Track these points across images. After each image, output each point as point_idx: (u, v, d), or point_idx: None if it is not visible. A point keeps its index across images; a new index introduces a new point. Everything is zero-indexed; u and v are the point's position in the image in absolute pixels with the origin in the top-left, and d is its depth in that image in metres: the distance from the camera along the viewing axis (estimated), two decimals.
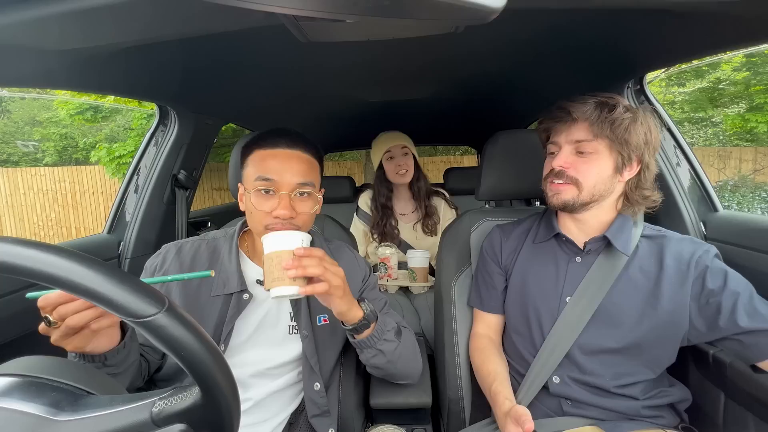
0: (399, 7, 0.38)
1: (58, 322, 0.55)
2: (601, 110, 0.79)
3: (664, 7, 0.66)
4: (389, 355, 0.83)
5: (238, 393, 0.40)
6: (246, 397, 0.83)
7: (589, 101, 0.81)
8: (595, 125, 0.79)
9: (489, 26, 0.43)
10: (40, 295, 0.54)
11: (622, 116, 0.77)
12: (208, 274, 0.63)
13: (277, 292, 0.67)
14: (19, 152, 9.45)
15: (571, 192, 0.83)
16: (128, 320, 0.35)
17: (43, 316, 0.55)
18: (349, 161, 9.17)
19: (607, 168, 0.81)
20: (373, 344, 0.81)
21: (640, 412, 0.81)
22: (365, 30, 0.80)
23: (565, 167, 0.83)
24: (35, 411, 0.36)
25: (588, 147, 0.80)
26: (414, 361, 0.92)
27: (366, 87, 1.44)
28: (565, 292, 0.86)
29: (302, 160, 0.81)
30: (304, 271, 0.67)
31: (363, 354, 0.84)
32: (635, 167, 0.82)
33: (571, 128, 0.82)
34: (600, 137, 0.79)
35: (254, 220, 0.81)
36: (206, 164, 1.63)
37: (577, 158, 0.82)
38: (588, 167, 0.81)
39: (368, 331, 0.80)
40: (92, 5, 0.55)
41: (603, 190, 0.82)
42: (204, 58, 0.98)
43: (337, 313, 0.77)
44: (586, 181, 0.81)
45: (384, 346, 0.82)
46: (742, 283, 0.76)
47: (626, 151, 0.79)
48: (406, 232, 1.79)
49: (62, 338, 0.56)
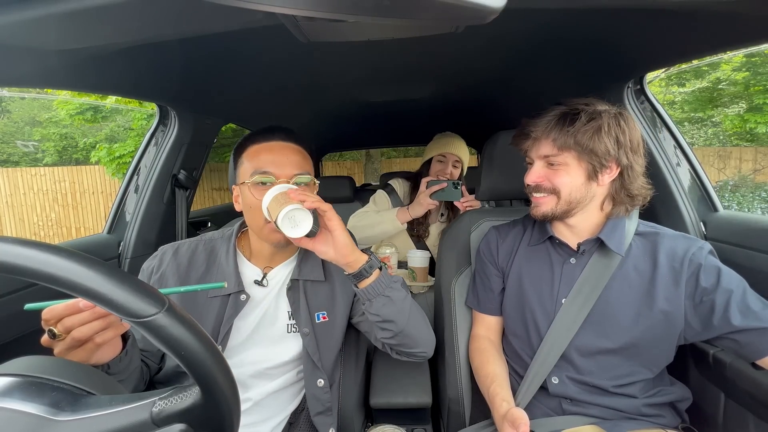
0: (399, 7, 0.38)
1: (63, 334, 0.54)
2: (563, 124, 0.79)
3: (664, 7, 0.66)
4: (399, 303, 0.80)
5: (238, 393, 0.40)
6: (246, 397, 0.83)
7: (550, 114, 0.82)
8: (558, 140, 0.79)
9: (489, 26, 0.43)
10: (39, 306, 0.54)
11: (583, 127, 0.77)
12: (222, 285, 0.63)
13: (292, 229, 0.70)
14: (19, 152, 9.45)
15: (551, 203, 0.84)
16: (128, 320, 0.35)
17: (47, 328, 0.54)
18: (349, 161, 9.18)
19: (578, 177, 0.81)
20: (381, 291, 0.78)
21: (640, 411, 0.81)
22: (365, 30, 0.80)
23: (539, 181, 0.85)
24: (35, 411, 0.36)
25: (556, 160, 0.82)
26: (424, 324, 0.88)
27: (366, 87, 1.44)
28: (561, 294, 0.86)
29: (296, 152, 0.83)
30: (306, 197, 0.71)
31: (372, 305, 0.79)
32: (614, 170, 0.81)
33: (537, 144, 0.84)
34: (565, 150, 0.80)
35: (254, 215, 0.80)
36: (206, 164, 1.63)
37: (549, 170, 0.84)
38: (560, 178, 0.82)
39: (374, 275, 0.78)
40: (92, 5, 0.55)
41: (580, 197, 0.82)
42: (204, 58, 0.98)
43: (341, 255, 0.76)
44: (562, 190, 0.82)
45: (392, 293, 0.79)
46: (735, 280, 0.75)
47: (595, 159, 0.79)
48: (433, 235, 1.79)
49: (66, 351, 0.56)
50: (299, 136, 0.86)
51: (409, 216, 1.56)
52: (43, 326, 0.55)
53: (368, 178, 8.21)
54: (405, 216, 1.56)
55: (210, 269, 0.85)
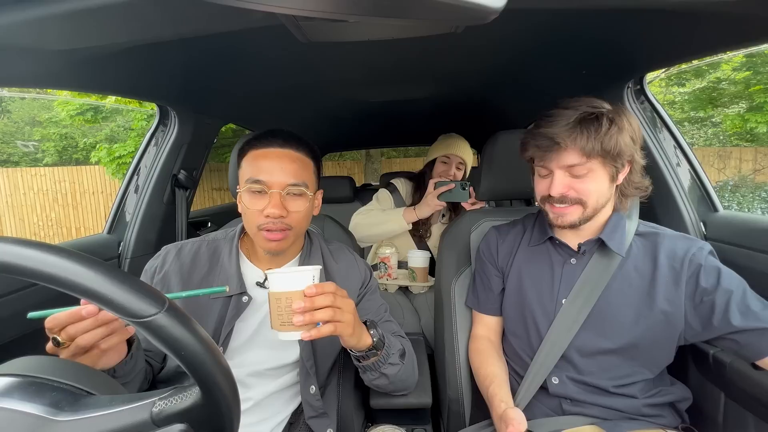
0: (399, 7, 0.38)
1: (67, 342, 0.54)
2: (588, 130, 0.75)
3: (664, 7, 0.66)
4: (392, 378, 0.83)
5: (238, 393, 0.40)
6: (246, 397, 0.83)
7: (571, 120, 0.76)
8: (587, 147, 0.75)
9: (489, 26, 0.43)
10: (42, 315, 0.53)
11: (608, 132, 0.75)
12: (223, 290, 0.62)
13: (284, 336, 0.65)
14: (19, 152, 9.45)
15: (577, 212, 0.81)
16: (128, 320, 0.35)
17: (51, 336, 0.54)
18: (349, 161, 9.18)
19: (604, 182, 0.80)
20: (377, 368, 0.80)
21: (640, 411, 0.81)
22: (365, 30, 0.80)
23: (565, 192, 0.80)
24: (35, 411, 0.36)
25: (582, 170, 0.78)
26: (413, 376, 0.91)
27: (366, 87, 1.44)
28: (561, 294, 0.86)
29: (294, 159, 0.81)
30: (312, 317, 0.63)
31: (365, 375, 0.83)
32: (627, 168, 0.82)
33: (560, 155, 0.78)
34: (592, 157, 0.77)
35: (248, 220, 0.81)
36: (206, 164, 1.63)
37: (573, 180, 0.80)
38: (586, 186, 0.79)
39: (375, 357, 0.79)
40: (92, 5, 0.55)
41: (605, 200, 0.82)
42: (204, 58, 0.98)
43: (347, 345, 0.76)
44: (589, 199, 0.80)
45: (388, 370, 0.81)
46: (735, 280, 0.75)
47: (619, 161, 0.78)
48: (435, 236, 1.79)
49: (71, 358, 0.56)
50: (300, 140, 0.83)
51: (415, 216, 1.56)
52: (47, 334, 0.55)
53: (368, 178, 8.20)
54: (411, 216, 1.56)
55: (213, 270, 0.85)
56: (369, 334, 0.77)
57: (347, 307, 0.69)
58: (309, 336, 0.64)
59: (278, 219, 0.77)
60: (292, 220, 0.79)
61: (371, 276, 0.97)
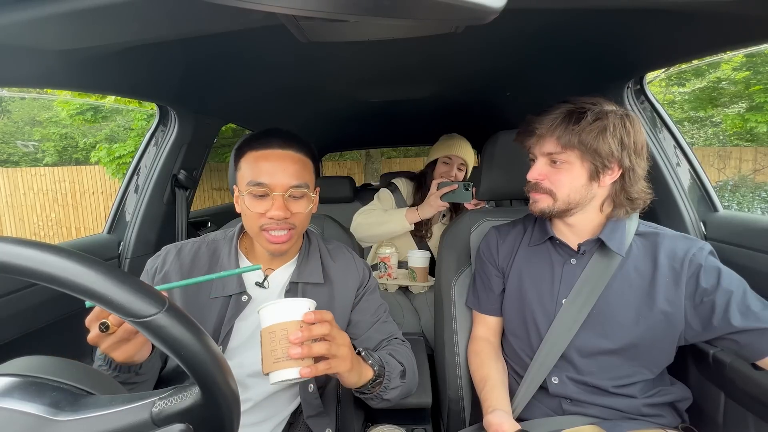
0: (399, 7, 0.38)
1: (115, 326, 0.55)
2: (568, 122, 0.78)
3: (664, 7, 0.66)
4: (393, 400, 0.82)
5: (238, 393, 0.40)
6: (246, 397, 0.83)
7: (556, 111, 0.81)
8: (563, 138, 0.79)
9: (489, 26, 0.43)
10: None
11: (589, 126, 0.76)
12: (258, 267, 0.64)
13: (278, 377, 0.60)
14: (19, 152, 9.45)
15: (547, 201, 0.85)
16: (128, 320, 0.35)
17: (100, 322, 0.55)
18: (349, 161, 9.17)
19: (580, 177, 0.81)
20: (380, 396, 0.79)
21: (640, 411, 0.81)
22: (365, 30, 0.80)
23: (539, 179, 0.84)
24: (35, 411, 0.36)
25: (560, 158, 0.81)
26: (414, 386, 0.90)
27: (366, 87, 1.44)
28: (561, 294, 0.86)
29: (295, 161, 0.81)
30: (309, 350, 0.61)
31: (368, 401, 0.82)
32: (616, 171, 0.80)
33: (541, 141, 0.83)
34: (569, 148, 0.79)
35: (249, 221, 0.81)
36: (206, 164, 1.63)
37: (551, 168, 0.83)
38: (560, 177, 0.82)
39: (378, 387, 0.78)
40: (92, 5, 0.55)
41: (579, 198, 0.82)
42: (204, 58, 0.98)
43: (348, 384, 0.74)
44: (560, 191, 0.82)
45: (390, 395, 0.80)
46: (735, 280, 0.75)
47: (598, 159, 0.78)
48: (435, 236, 1.79)
49: (116, 345, 0.57)
50: (299, 140, 0.83)
51: (418, 217, 1.56)
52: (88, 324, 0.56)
53: (368, 178, 8.20)
54: (414, 216, 1.56)
55: (212, 270, 0.85)
56: (368, 366, 0.76)
57: (343, 339, 0.68)
58: (308, 372, 0.60)
59: (282, 220, 0.78)
60: (296, 219, 0.80)
61: (370, 276, 0.97)
